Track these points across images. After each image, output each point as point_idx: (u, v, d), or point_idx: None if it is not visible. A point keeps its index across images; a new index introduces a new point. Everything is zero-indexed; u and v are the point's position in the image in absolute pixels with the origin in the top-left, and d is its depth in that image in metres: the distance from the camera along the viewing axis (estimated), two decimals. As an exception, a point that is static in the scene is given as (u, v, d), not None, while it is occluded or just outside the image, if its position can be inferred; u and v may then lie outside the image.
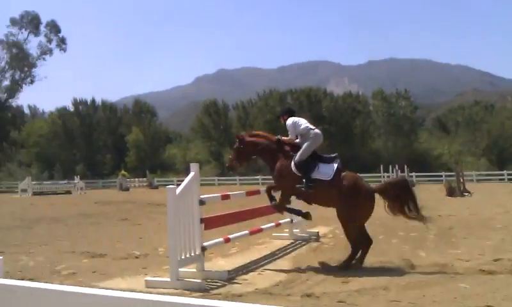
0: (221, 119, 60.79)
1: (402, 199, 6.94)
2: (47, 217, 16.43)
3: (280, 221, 9.07)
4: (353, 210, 6.90)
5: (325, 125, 54.85)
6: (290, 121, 7.72)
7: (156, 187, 40.42)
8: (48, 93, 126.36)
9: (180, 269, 6.13)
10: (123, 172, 42.17)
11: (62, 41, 60.62)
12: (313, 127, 7.59)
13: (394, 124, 53.37)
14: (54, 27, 59.84)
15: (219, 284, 6.13)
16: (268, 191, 7.70)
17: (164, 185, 46.36)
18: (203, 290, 5.82)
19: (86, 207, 20.70)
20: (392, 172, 31.99)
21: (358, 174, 7.47)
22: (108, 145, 63.16)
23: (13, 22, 58.29)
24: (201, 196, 6.65)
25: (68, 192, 35.76)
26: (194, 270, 6.50)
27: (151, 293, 5.84)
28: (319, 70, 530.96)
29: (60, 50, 60.81)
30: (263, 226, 8.56)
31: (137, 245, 9.65)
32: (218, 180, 46.20)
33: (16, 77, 59.08)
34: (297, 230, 9.66)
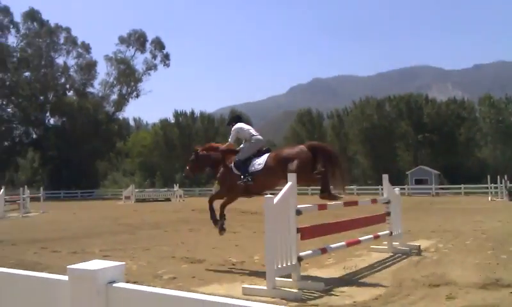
0: (315, 128, 60.49)
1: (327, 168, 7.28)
2: (149, 223, 17.24)
3: (379, 233, 8.69)
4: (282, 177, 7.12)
5: (426, 133, 52.60)
6: (234, 127, 8.54)
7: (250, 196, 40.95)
8: (151, 105, 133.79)
9: (276, 278, 6.07)
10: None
11: (166, 57, 63.84)
12: (256, 134, 8.38)
13: (503, 132, 49.89)
14: (158, 44, 63.23)
15: (316, 295, 5.95)
16: (210, 201, 8.81)
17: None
18: (300, 300, 5.69)
19: (184, 214, 21.47)
20: (501, 182, 29.70)
21: (286, 149, 8.14)
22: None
23: (122, 40, 62.54)
24: (298, 206, 6.54)
25: (168, 200, 37.42)
26: (291, 279, 6.39)
27: (248, 300, 5.83)
28: (419, 75, 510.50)
29: (164, 65, 64.09)
30: (361, 238, 8.25)
31: (234, 252, 9.76)
32: (311, 189, 45.82)
33: (123, 91, 63.11)
34: (397, 243, 9.19)
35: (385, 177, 9.27)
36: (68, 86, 62.57)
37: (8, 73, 57.13)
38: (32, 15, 59.07)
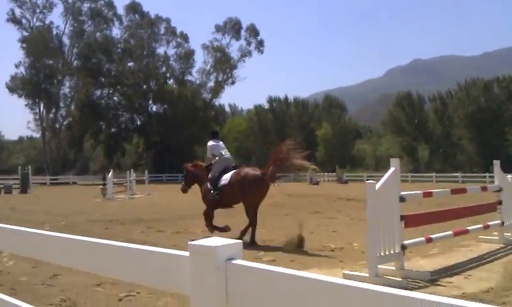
0: (416, 112, 57.92)
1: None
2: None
3: (489, 223, 8.13)
4: (241, 194, 9.02)
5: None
6: (209, 143, 9.96)
7: (345, 182, 40.39)
8: (246, 91, 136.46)
9: (378, 266, 5.91)
10: (313, 166, 43.12)
11: (260, 43, 64.37)
12: (224, 153, 9.71)
13: None
14: (253, 31, 63.94)
15: (421, 284, 5.71)
16: (204, 215, 9.88)
17: (353, 180, 46.20)
18: (404, 289, 5.47)
19: (280, 199, 21.61)
20: None
21: (248, 169, 9.42)
22: (299, 140, 65.44)
23: (218, 28, 64.07)
24: (402, 193, 6.29)
25: (263, 185, 37.91)
26: (394, 268, 6.19)
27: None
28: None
29: (258, 52, 64.75)
30: (469, 228, 7.77)
31: (331, 238, 9.65)
32: (411, 176, 44.15)
33: (220, 78, 64.76)
34: (509, 234, 8.54)
35: (496, 163, 8.64)
36: (168, 75, 65.53)
37: (114, 63, 61.00)
38: (133, 8, 62.46)
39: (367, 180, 6.60)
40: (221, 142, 10.17)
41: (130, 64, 63.06)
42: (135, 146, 65.49)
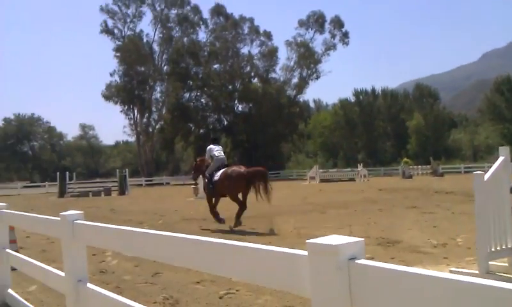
0: (517, 97, 53.80)
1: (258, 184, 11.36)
2: (336, 202, 17.25)
3: None
4: (227, 188, 11.27)
5: None
6: (208, 147, 12.25)
7: (441, 175, 38.41)
8: (331, 86, 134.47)
9: (489, 262, 5.44)
10: (405, 159, 41.50)
11: (345, 35, 63.08)
12: (218, 155, 11.83)
13: None
14: (337, 23, 62.81)
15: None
16: (208, 202, 12.14)
17: (450, 172, 43.84)
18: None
19: (371, 194, 21.01)
20: None
21: (234, 167, 11.78)
22: (388, 132, 63.38)
23: (301, 23, 63.73)
24: (514, 183, 5.75)
25: (352, 180, 37.13)
26: (506, 264, 5.67)
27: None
28: None
29: (343, 44, 63.49)
30: None
31: (432, 234, 9.13)
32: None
33: (304, 74, 64.36)
34: None
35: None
36: (252, 74, 66.27)
37: (201, 66, 62.82)
38: (218, 10, 63.87)
39: (465, 171, 6.09)
40: (219, 146, 12.46)
41: (216, 66, 64.61)
42: (223, 146, 66.99)
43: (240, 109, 66.85)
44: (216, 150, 12.02)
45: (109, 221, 14.46)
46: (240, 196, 11.49)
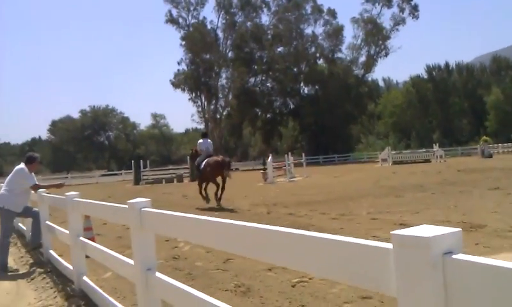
0: None
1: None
2: (411, 184, 16.54)
3: None
4: (209, 173, 13.92)
5: None
6: (198, 141, 15.03)
7: (524, 152, 36.00)
8: (401, 62, 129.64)
9: None
10: (484, 137, 39.19)
11: (414, 8, 60.16)
12: (205, 149, 14.59)
13: None
14: (406, -4, 60.18)
15: None
16: (199, 185, 14.92)
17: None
18: None
19: (449, 175, 19.98)
20: None
21: (214, 157, 14.28)
22: (465, 109, 60.16)
23: (368, -2, 61.48)
24: None
25: (427, 161, 35.60)
26: None
27: None
28: None
29: (412, 18, 60.70)
30: None
31: (520, 217, 8.42)
32: None
33: (372, 52, 62.30)
34: None
35: None
36: (318, 55, 65.15)
37: (265, 50, 62.60)
38: (280, -8, 63.10)
39: None
40: (208, 140, 15.12)
41: (280, 48, 64.09)
42: (291, 130, 66.73)
43: (306, 91, 66.17)
44: (203, 144, 14.81)
45: (181, 207, 14.73)
46: (219, 180, 13.91)
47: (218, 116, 63.89)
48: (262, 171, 26.64)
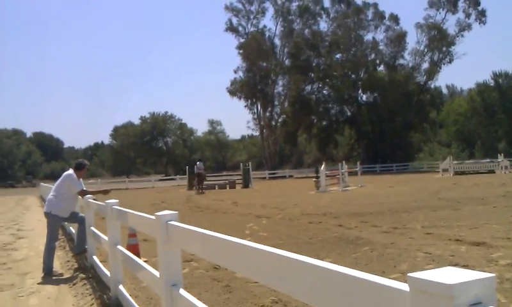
0: None
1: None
2: (471, 197, 15.67)
3: None
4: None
5: None
6: (197, 164, 31.52)
7: None
8: (466, 69, 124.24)
9: None
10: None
11: (481, 14, 57.54)
12: (199, 167, 30.72)
13: None
14: (473, 1, 57.64)
15: None
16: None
17: None
18: None
19: (514, 187, 18.80)
20: None
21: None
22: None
23: (431, 3, 59.48)
24: None
25: (491, 172, 33.83)
26: None
27: None
28: None
29: (479, 23, 58.07)
30: None
31: None
32: None
33: (435, 58, 60.13)
34: None
35: None
36: (378, 61, 63.74)
37: (322, 57, 61.98)
38: (339, -2, 62.38)
39: None
40: (201, 163, 30.22)
41: (338, 55, 63.26)
42: (347, 138, 65.62)
43: (364, 98, 64.79)
44: (198, 166, 29.60)
45: (229, 214, 14.70)
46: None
47: (273, 123, 63.93)
48: (314, 179, 26.23)
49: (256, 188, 31.43)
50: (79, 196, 7.85)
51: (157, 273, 3.56)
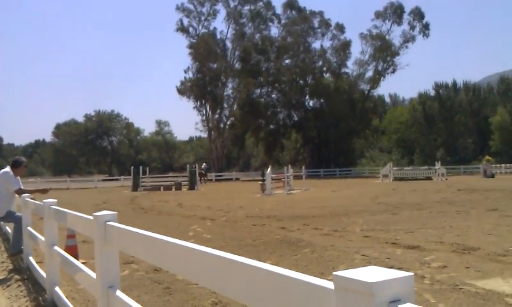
0: None
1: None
2: (409, 202, 16.29)
3: None
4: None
5: None
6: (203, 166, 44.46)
7: (527, 174, 35.68)
8: (408, 79, 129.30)
9: None
10: (487, 157, 38.87)
11: (425, 27, 60.05)
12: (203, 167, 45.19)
13: None
14: (417, 14, 59.95)
15: None
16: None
17: (537, 171, 40.46)
18: None
19: (449, 194, 19.72)
20: None
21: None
22: (470, 129, 59.83)
23: (378, 14, 61.40)
24: None
25: (429, 178, 35.30)
26: None
27: None
28: None
29: (423, 36, 60.54)
30: None
31: (515, 240, 8.18)
32: None
33: (379, 67, 62.12)
34: None
35: None
36: (325, 68, 65.03)
37: (271, 62, 62.58)
38: (291, 4, 63.23)
39: None
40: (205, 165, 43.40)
41: (287, 61, 64.03)
42: (293, 142, 66.52)
43: (311, 104, 65.90)
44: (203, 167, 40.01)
45: (173, 216, 14.55)
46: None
47: (222, 126, 63.85)
48: (260, 182, 26.44)
49: (202, 191, 31.27)
50: (16, 195, 7.55)
51: (93, 274, 3.49)
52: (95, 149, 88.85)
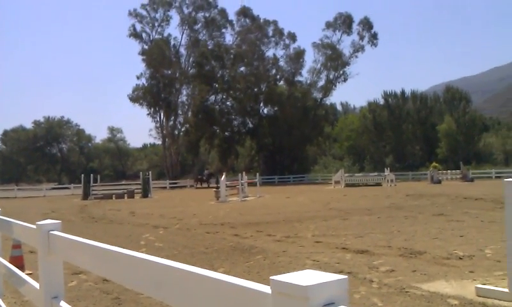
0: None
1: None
2: (360, 208, 16.67)
3: None
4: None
5: None
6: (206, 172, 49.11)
7: (471, 180, 37.21)
8: (359, 88, 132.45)
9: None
10: (434, 164, 40.32)
11: (374, 36, 61.77)
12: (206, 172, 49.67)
13: None
14: (366, 25, 61.61)
15: None
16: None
17: (480, 177, 42.60)
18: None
19: (397, 200, 20.31)
20: None
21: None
22: (418, 136, 61.89)
23: (328, 25, 62.73)
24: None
25: (379, 184, 36.23)
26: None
27: (484, 303, 4.93)
28: None
29: (371, 45, 62.26)
30: None
31: (458, 244, 8.55)
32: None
33: (331, 76, 63.35)
34: None
35: None
36: (278, 77, 65.69)
37: (226, 69, 62.64)
38: (244, 12, 63.56)
39: (497, 176, 5.54)
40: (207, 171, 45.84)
41: (242, 68, 64.25)
42: (248, 149, 66.69)
43: (265, 111, 66.35)
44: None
45: (125, 224, 14.27)
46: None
47: (176, 133, 63.20)
48: (214, 190, 26.35)
49: (155, 198, 30.81)
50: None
51: (37, 285, 3.39)
52: (44, 156, 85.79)
